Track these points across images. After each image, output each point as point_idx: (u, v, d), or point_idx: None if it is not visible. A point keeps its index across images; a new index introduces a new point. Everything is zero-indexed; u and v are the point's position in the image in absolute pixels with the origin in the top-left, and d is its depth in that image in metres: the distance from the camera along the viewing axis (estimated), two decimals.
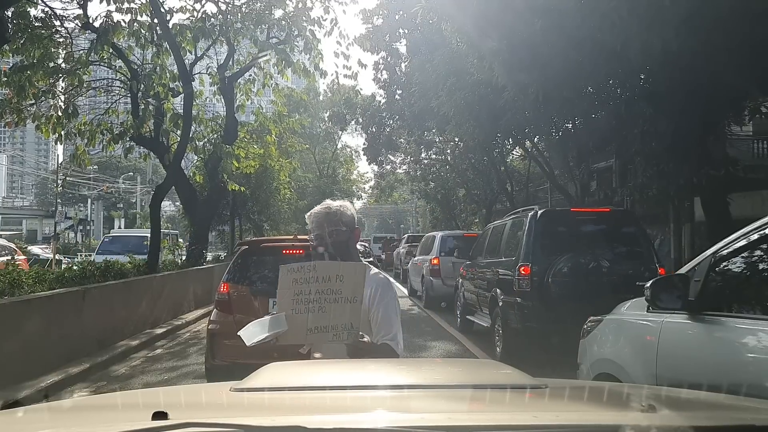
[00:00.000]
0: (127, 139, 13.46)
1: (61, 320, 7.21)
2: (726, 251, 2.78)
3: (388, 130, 27.58)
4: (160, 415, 1.34)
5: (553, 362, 5.80)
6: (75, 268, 10.01)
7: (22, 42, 11.00)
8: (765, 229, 2.59)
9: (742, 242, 2.71)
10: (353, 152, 44.27)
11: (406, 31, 19.90)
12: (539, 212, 7.95)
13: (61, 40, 11.90)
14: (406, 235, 29.48)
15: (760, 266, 2.74)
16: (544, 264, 7.34)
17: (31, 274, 7.95)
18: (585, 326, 3.96)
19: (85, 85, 13.41)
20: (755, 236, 2.64)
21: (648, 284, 3.06)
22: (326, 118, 37.15)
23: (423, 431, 1.29)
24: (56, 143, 13.55)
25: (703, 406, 1.85)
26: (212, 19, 12.59)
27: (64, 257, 32.09)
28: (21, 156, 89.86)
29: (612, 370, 3.31)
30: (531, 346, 7.24)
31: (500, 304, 8.03)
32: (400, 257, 23.93)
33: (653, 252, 8.12)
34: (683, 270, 3.03)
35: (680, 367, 2.81)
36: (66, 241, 50.47)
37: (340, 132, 38.96)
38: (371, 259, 14.27)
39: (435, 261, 14.09)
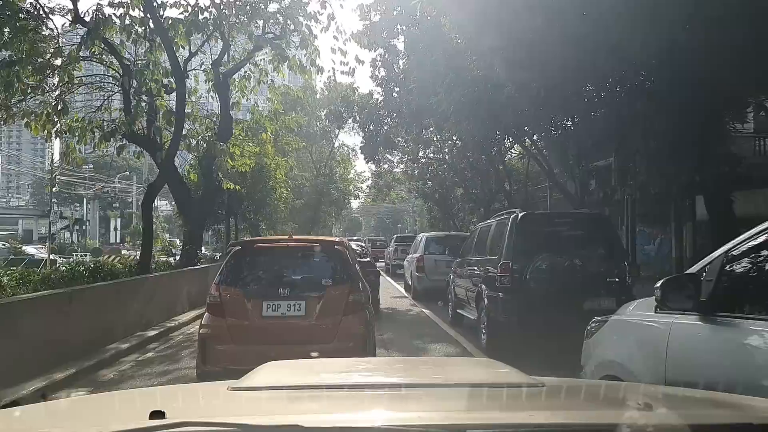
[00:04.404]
0: (119, 137, 13.17)
1: (45, 324, 6.91)
2: (739, 250, 2.67)
3: (385, 128, 27.37)
4: (157, 414, 1.34)
5: (542, 355, 6.30)
6: (63, 268, 9.72)
7: (9, 37, 10.70)
8: None
9: (757, 240, 2.60)
10: (350, 151, 44.07)
11: (404, 27, 19.64)
12: (520, 215, 8.54)
13: (46, 33, 11.58)
14: (395, 236, 31.71)
15: None
16: (523, 262, 7.98)
17: (14, 276, 7.66)
18: (589, 327, 3.85)
19: (76, 82, 13.12)
20: None
21: (658, 284, 2.94)
22: (323, 117, 36.89)
23: (420, 430, 1.28)
24: (46, 141, 13.22)
25: (699, 405, 1.85)
26: (205, 12, 12.30)
27: (60, 257, 31.78)
28: (17, 155, 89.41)
29: (618, 372, 3.19)
30: (512, 337, 7.81)
31: (485, 298, 8.64)
32: (389, 255, 26.77)
33: (624, 251, 8.84)
34: (693, 269, 2.91)
35: (692, 370, 2.70)
36: (62, 241, 50.20)
37: (337, 131, 38.71)
38: (368, 258, 14.23)
39: (420, 259, 15.85)
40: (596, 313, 5.87)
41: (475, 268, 9.68)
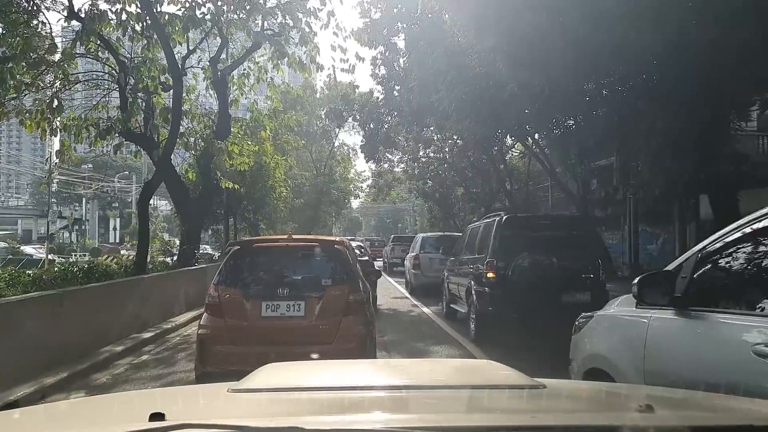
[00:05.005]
0: (116, 134, 12.95)
1: (35, 327, 6.68)
2: (712, 248, 2.86)
3: (386, 127, 27.19)
4: (157, 416, 1.34)
5: (524, 343, 7.38)
6: (55, 269, 9.48)
7: (3, 32, 10.49)
8: (751, 225, 2.67)
9: (728, 239, 2.78)
10: (350, 150, 43.88)
11: (405, 25, 19.49)
12: (504, 217, 9.45)
13: (36, 24, 11.32)
14: (392, 236, 34.06)
15: (745, 262, 2.78)
16: (507, 260, 8.79)
17: (3, 277, 7.43)
18: (576, 322, 4.01)
19: (71, 79, 12.90)
20: (740, 233, 2.72)
21: (635, 281, 3.13)
22: (323, 116, 36.69)
23: None
24: (42, 139, 13.01)
25: (700, 407, 1.87)
26: (203, 8, 12.07)
27: (58, 257, 31.61)
28: (17, 155, 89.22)
29: (602, 365, 3.38)
30: (497, 327, 8.74)
31: (473, 293, 9.47)
32: (387, 254, 28.69)
33: (598, 250, 9.72)
34: (670, 267, 3.09)
35: (667, 362, 2.89)
36: (61, 241, 49.98)
37: (337, 129, 38.53)
38: (366, 258, 14.27)
39: (416, 257, 17.28)
40: (572, 306, 7.35)
41: (466, 266, 10.48)
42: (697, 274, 2.85)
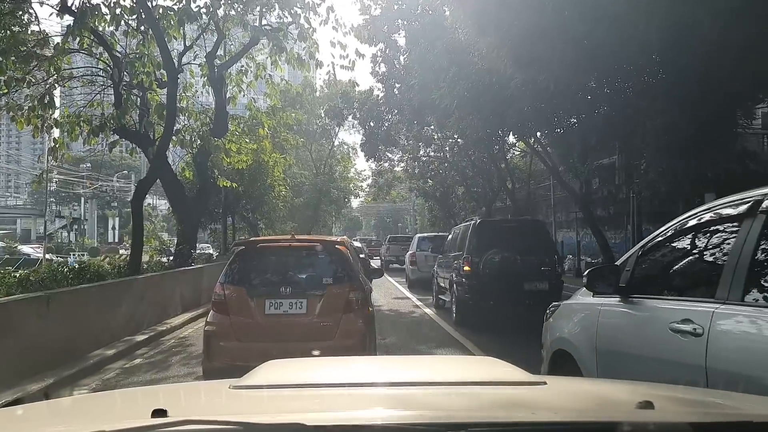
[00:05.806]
0: (110, 131, 12.66)
1: (18, 330, 6.40)
2: (650, 245, 3.44)
3: (386, 125, 26.92)
4: (159, 413, 1.34)
5: (497, 324, 9.81)
6: (52, 269, 9.17)
7: None
8: (683, 223, 3.18)
9: (660, 238, 3.36)
10: (350, 149, 43.55)
11: (405, 22, 19.22)
12: (478, 221, 11.68)
13: (26, 18, 11.01)
14: (389, 236, 36.37)
15: (670, 256, 3.34)
16: (480, 256, 10.57)
17: None
18: (547, 311, 4.47)
19: (65, 75, 12.61)
20: (671, 231, 3.28)
21: (585, 273, 3.71)
22: (323, 114, 36.37)
23: (421, 428, 1.28)
24: (34, 136, 12.72)
25: (700, 403, 1.89)
26: (198, 0, 11.78)
27: (56, 257, 31.34)
28: (16, 154, 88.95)
29: (566, 346, 3.86)
30: (473, 311, 10.60)
31: (454, 284, 11.24)
32: (383, 253, 31.09)
33: (555, 248, 12.18)
34: (618, 261, 3.63)
35: (613, 341, 3.40)
36: (60, 241, 49.68)
37: (337, 128, 38.19)
38: (363, 256, 14.37)
39: (413, 255, 19.61)
40: (533, 293, 10.26)
41: (450, 262, 12.12)
42: (636, 267, 3.41)
